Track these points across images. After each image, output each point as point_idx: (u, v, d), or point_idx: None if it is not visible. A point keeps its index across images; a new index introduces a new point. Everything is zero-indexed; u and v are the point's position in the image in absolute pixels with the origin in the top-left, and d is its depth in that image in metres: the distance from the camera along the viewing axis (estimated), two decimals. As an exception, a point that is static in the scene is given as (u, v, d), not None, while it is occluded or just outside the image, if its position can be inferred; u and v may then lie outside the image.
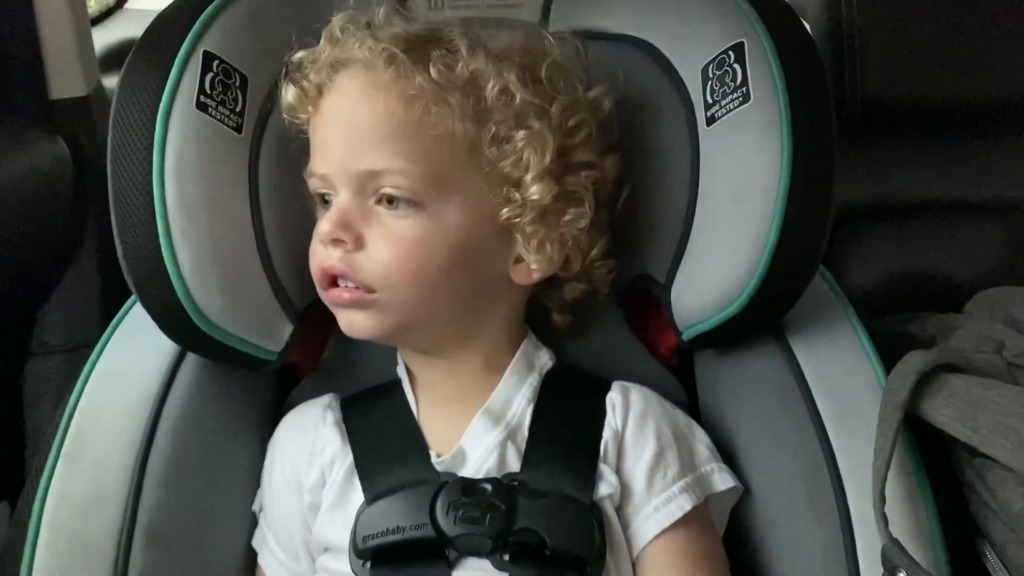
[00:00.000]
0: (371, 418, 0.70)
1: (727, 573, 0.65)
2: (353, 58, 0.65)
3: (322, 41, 0.68)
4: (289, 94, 0.68)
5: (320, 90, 0.66)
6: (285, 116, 0.69)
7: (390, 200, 0.63)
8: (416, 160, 0.63)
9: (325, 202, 0.66)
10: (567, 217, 0.67)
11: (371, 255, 0.63)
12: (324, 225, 0.63)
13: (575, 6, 0.77)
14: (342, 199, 0.64)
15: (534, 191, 0.65)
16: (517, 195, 0.65)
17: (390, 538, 0.62)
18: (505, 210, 0.65)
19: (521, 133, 0.65)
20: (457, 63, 0.64)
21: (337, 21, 0.68)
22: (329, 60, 0.66)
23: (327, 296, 0.66)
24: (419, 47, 0.65)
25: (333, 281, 0.65)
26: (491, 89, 0.64)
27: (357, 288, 0.64)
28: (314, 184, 0.67)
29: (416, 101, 0.63)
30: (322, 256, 0.65)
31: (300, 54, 0.68)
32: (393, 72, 0.63)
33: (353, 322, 0.66)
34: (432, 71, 0.63)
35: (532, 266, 0.67)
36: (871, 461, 0.60)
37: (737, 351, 0.72)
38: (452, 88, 0.64)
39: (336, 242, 0.63)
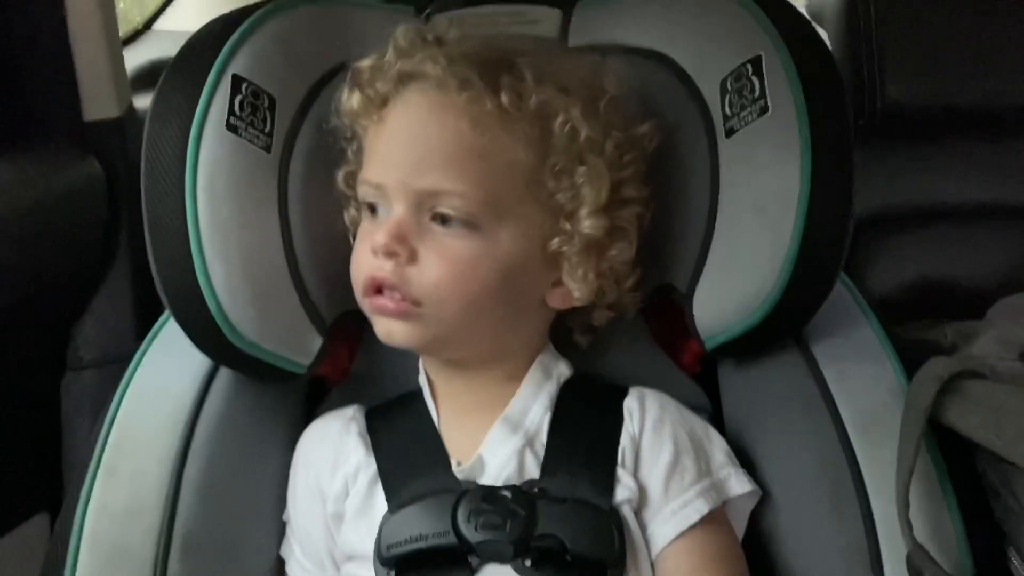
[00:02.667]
0: (394, 428, 0.71)
1: (746, 575, 0.65)
2: (425, 74, 0.65)
3: (389, 52, 0.68)
4: (354, 99, 0.68)
5: (385, 100, 0.66)
6: (344, 120, 0.70)
7: (444, 219, 0.64)
8: (477, 184, 0.63)
9: (372, 210, 0.67)
10: (612, 251, 0.68)
11: (423, 271, 0.64)
12: (380, 236, 0.63)
13: (593, 21, 0.78)
14: (398, 212, 0.64)
15: (587, 225, 0.66)
16: (568, 226, 0.66)
17: (413, 546, 0.63)
18: (556, 240, 0.66)
19: (581, 168, 0.66)
20: (527, 92, 0.65)
21: (403, 32, 0.68)
22: (398, 72, 0.66)
23: (370, 303, 0.66)
24: (490, 71, 0.65)
25: (378, 290, 0.65)
26: (559, 123, 0.65)
27: (403, 300, 0.64)
28: (365, 192, 0.67)
29: (485, 127, 0.64)
30: (371, 265, 0.65)
31: (365, 62, 0.68)
32: (466, 95, 0.64)
33: (392, 331, 0.66)
34: (503, 98, 0.64)
35: (575, 294, 0.68)
36: (894, 467, 0.60)
37: (760, 359, 0.73)
38: (520, 117, 0.64)
39: (390, 254, 0.64)
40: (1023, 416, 0.58)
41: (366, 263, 0.65)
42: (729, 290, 0.69)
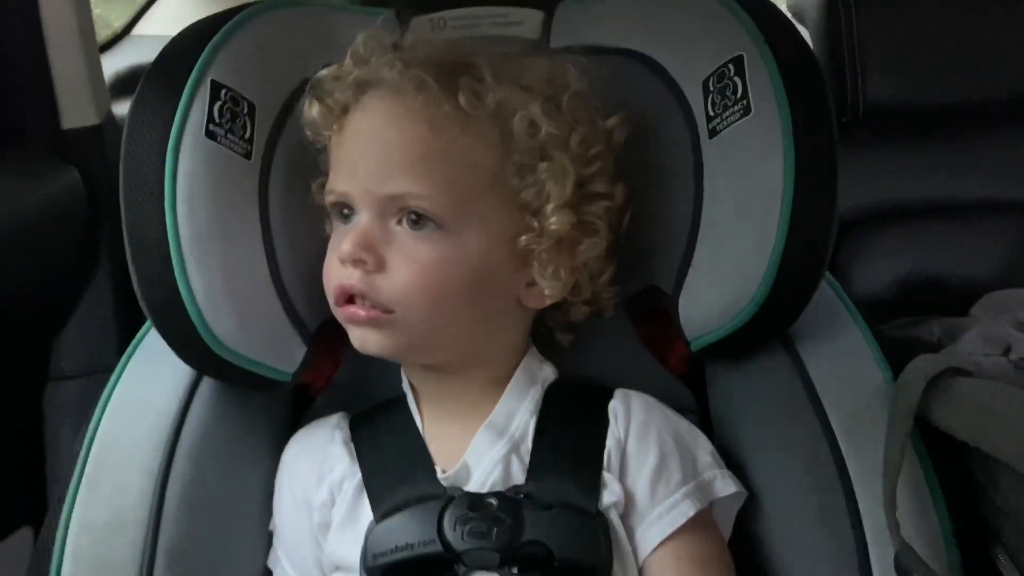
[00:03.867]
0: (378, 436, 0.70)
1: None
2: (381, 80, 0.65)
3: (347, 59, 0.68)
4: (314, 110, 0.68)
5: (345, 109, 0.66)
6: (308, 132, 0.70)
7: (414, 220, 0.64)
8: (441, 186, 0.63)
9: (344, 215, 0.67)
10: (582, 246, 0.68)
11: (391, 277, 0.64)
12: (346, 245, 0.63)
13: (576, 23, 0.78)
14: (364, 220, 0.64)
15: (554, 221, 0.66)
16: (536, 223, 0.66)
17: (399, 555, 0.62)
18: (524, 237, 0.66)
19: (544, 164, 0.66)
20: (485, 92, 0.65)
21: (362, 40, 0.68)
22: (356, 80, 0.66)
23: (342, 313, 0.66)
24: (447, 73, 0.65)
25: (350, 299, 0.65)
26: (518, 120, 0.65)
27: (374, 307, 0.64)
28: (332, 200, 0.67)
29: (444, 128, 0.64)
30: (340, 274, 0.65)
31: (324, 71, 0.68)
32: (423, 98, 0.64)
33: (366, 339, 0.66)
34: (461, 99, 0.64)
35: (546, 291, 0.68)
36: (881, 467, 0.60)
37: (746, 360, 0.73)
38: (479, 117, 0.64)
39: (357, 262, 0.63)
40: (1009, 414, 0.58)
41: (335, 272, 0.65)
42: (714, 291, 0.69)
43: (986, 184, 1.07)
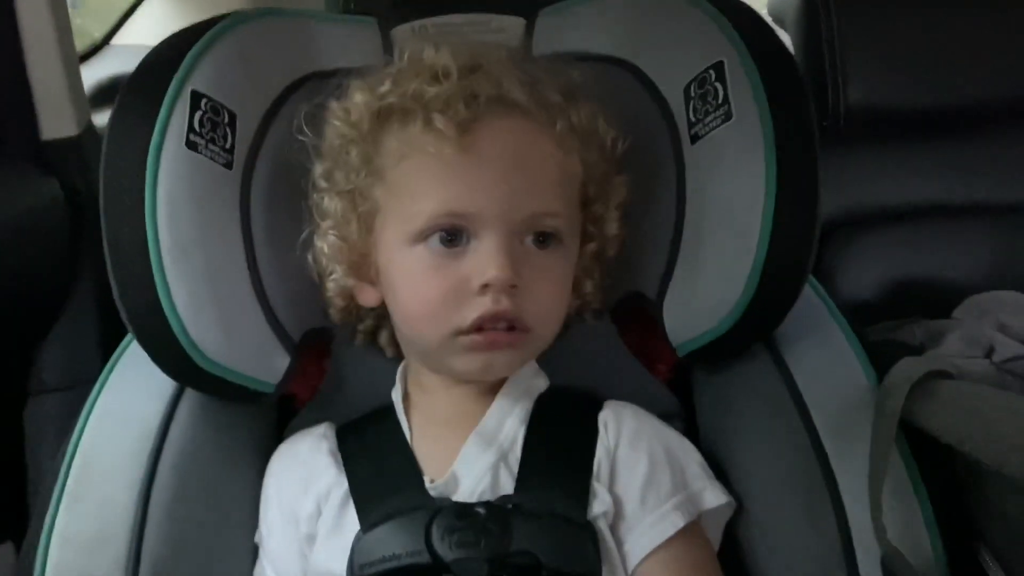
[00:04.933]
0: (365, 446, 0.70)
1: None
2: (506, 95, 0.65)
3: (449, 71, 0.65)
4: (416, 128, 0.64)
5: (464, 128, 0.63)
6: (375, 146, 0.67)
7: (541, 239, 0.64)
8: (565, 204, 0.66)
9: (448, 239, 0.63)
10: (611, 253, 0.73)
11: (535, 296, 0.64)
12: (498, 272, 0.61)
13: (557, 29, 0.78)
14: (500, 242, 0.62)
15: (613, 227, 0.71)
16: (594, 229, 0.71)
17: (387, 565, 0.62)
18: (591, 245, 0.71)
19: (620, 178, 0.71)
20: (578, 109, 0.68)
21: (445, 53, 0.66)
22: (473, 95, 0.64)
23: (476, 340, 0.63)
24: (548, 89, 0.67)
25: (478, 327, 0.63)
26: (607, 137, 0.69)
27: (513, 329, 0.64)
28: (443, 222, 0.63)
29: (564, 145, 0.66)
30: (481, 302, 0.62)
31: (419, 85, 0.65)
32: (545, 116, 0.66)
33: (493, 364, 0.65)
34: (573, 117, 0.67)
35: (587, 290, 0.73)
36: (867, 471, 0.60)
37: (730, 364, 0.73)
38: (581, 131, 0.67)
39: (511, 287, 0.62)
40: (992, 416, 0.58)
41: (472, 302, 0.63)
42: (698, 297, 0.69)
43: (968, 187, 1.07)
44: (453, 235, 0.63)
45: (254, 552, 0.71)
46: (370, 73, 0.69)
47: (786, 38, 1.08)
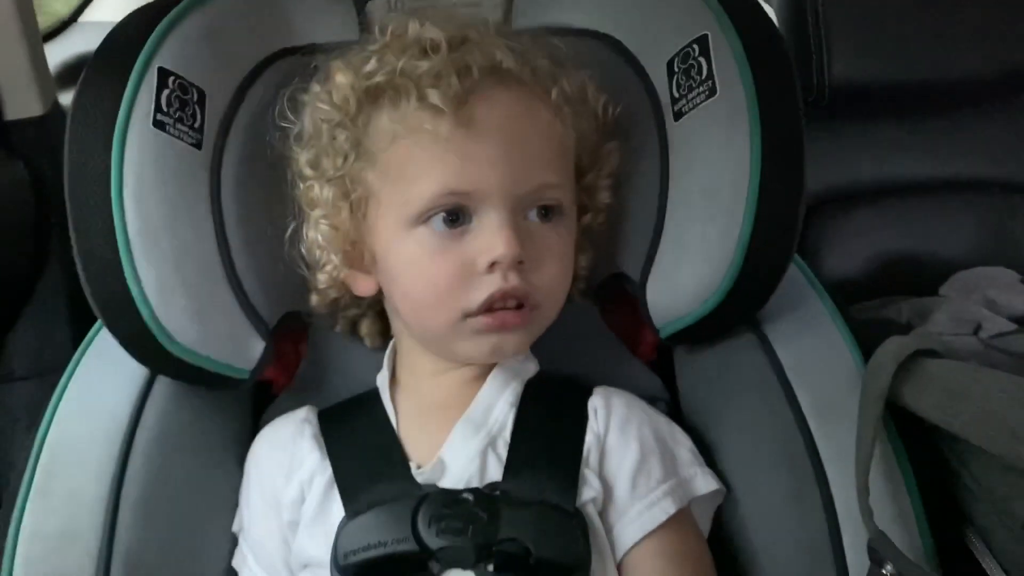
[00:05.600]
0: (350, 431, 0.69)
1: (712, 573, 0.65)
2: (500, 66, 0.63)
3: (438, 44, 0.63)
4: (410, 106, 0.62)
5: (463, 102, 0.61)
6: (370, 127, 0.64)
7: (545, 212, 0.63)
8: (565, 175, 0.65)
9: (450, 219, 0.62)
10: (600, 218, 0.72)
11: (542, 271, 0.63)
12: (506, 249, 0.60)
13: (537, 3, 0.77)
14: (504, 218, 0.61)
15: (604, 196, 0.70)
16: (588, 200, 0.70)
17: (372, 553, 0.61)
18: (587, 216, 0.70)
19: (612, 144, 0.70)
20: (568, 77, 0.66)
21: (433, 26, 0.64)
22: (461, 64, 0.62)
23: (487, 322, 0.62)
24: (538, 59, 0.65)
25: (488, 308, 0.62)
26: (600, 104, 0.68)
27: (522, 307, 0.62)
28: (444, 202, 0.61)
29: (560, 114, 0.65)
30: (490, 281, 0.61)
31: (400, 63, 0.62)
32: (540, 83, 0.64)
33: (503, 345, 0.64)
34: (565, 85, 0.65)
35: (582, 263, 0.71)
36: (853, 452, 0.60)
37: (715, 345, 0.72)
38: (573, 101, 0.66)
39: (520, 263, 0.61)
40: (979, 395, 0.58)
41: (475, 281, 0.61)
42: (682, 277, 0.68)
43: (954, 163, 1.07)
44: (455, 215, 0.62)
45: (233, 542, 0.70)
46: (349, 52, 0.67)
47: (771, 12, 1.07)
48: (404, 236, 0.63)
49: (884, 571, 0.55)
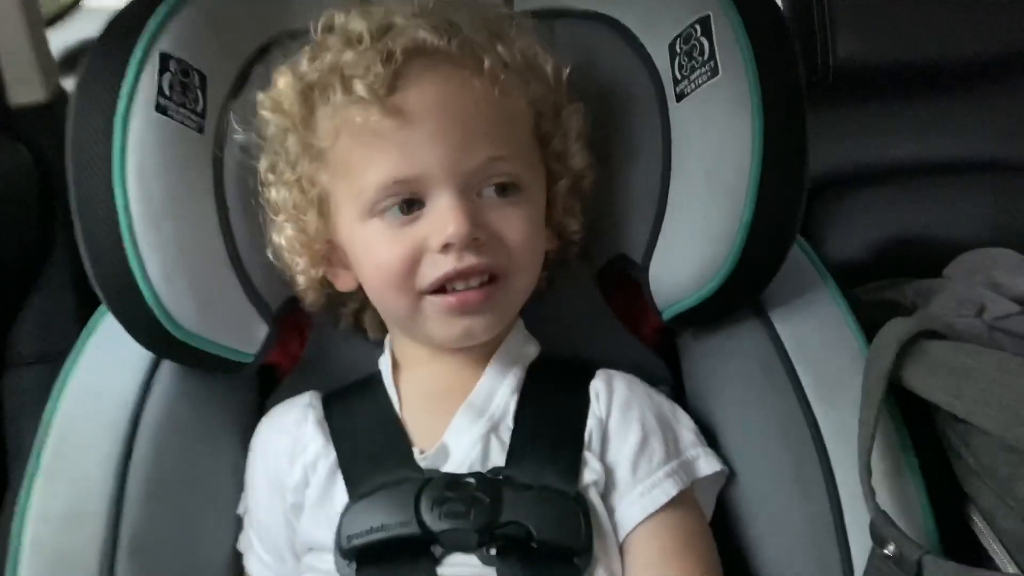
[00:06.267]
0: (353, 415, 0.69)
1: (714, 555, 0.65)
2: (424, 47, 0.62)
3: (361, 34, 0.63)
4: (336, 101, 0.62)
5: (391, 88, 0.61)
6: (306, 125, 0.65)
7: (502, 188, 0.63)
8: (515, 147, 0.64)
9: (405, 206, 0.62)
10: (586, 180, 0.71)
11: (504, 242, 0.62)
12: (456, 228, 0.59)
13: None
14: (453, 198, 0.60)
15: (579, 160, 0.69)
16: (560, 166, 0.69)
17: (375, 536, 0.61)
18: (562, 182, 0.69)
19: (571, 107, 0.68)
20: (508, 44, 0.65)
21: (357, 16, 0.64)
22: (389, 51, 0.61)
23: (444, 304, 0.62)
24: (474, 30, 0.64)
25: (442, 288, 0.62)
26: (550, 67, 0.67)
27: (482, 285, 0.62)
28: (392, 190, 0.61)
29: (497, 83, 0.63)
30: (444, 262, 0.61)
31: (334, 55, 0.62)
32: (473, 60, 0.62)
33: (472, 328, 0.64)
34: (504, 53, 0.64)
35: (571, 227, 0.71)
36: (856, 433, 0.60)
37: (718, 328, 0.72)
38: (517, 68, 0.65)
39: (474, 241, 0.61)
40: (982, 376, 0.58)
41: (428, 262, 0.62)
42: (684, 259, 0.68)
43: (959, 144, 1.06)
44: (409, 203, 0.62)
45: (236, 524, 0.70)
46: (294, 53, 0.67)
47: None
48: (361, 228, 0.64)
49: (886, 551, 0.55)
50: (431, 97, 0.61)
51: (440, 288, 0.62)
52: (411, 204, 0.62)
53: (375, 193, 0.62)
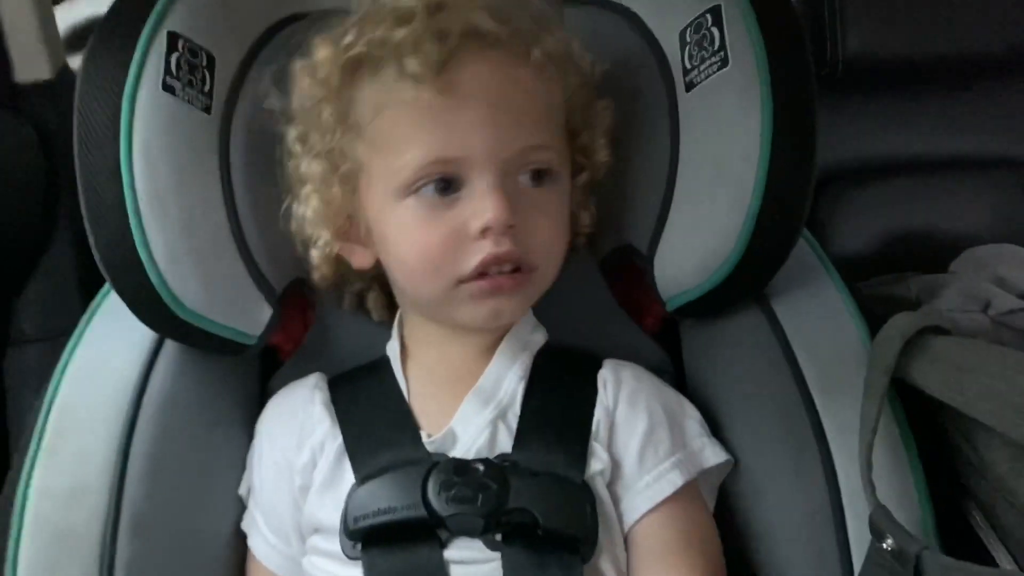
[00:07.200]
0: (360, 398, 0.69)
1: (718, 546, 0.65)
2: (479, 29, 0.62)
3: (414, 11, 0.62)
4: (387, 76, 0.61)
5: (441, 68, 0.60)
6: (352, 100, 0.64)
7: (536, 175, 0.63)
8: (552, 136, 0.64)
9: (441, 188, 0.61)
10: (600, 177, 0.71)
11: (535, 233, 0.62)
12: (496, 214, 0.59)
13: None
14: (493, 182, 0.60)
15: (603, 155, 0.69)
16: (582, 160, 0.69)
17: (382, 518, 0.61)
18: (584, 175, 0.69)
19: (601, 102, 0.69)
20: (551, 35, 0.65)
21: None
22: (445, 33, 0.61)
23: (478, 288, 0.62)
24: (519, 19, 0.64)
25: (481, 273, 0.62)
26: (584, 62, 0.67)
27: (518, 270, 0.62)
28: (432, 169, 0.61)
29: (543, 74, 0.64)
30: (481, 247, 0.61)
31: (385, 30, 0.61)
32: (521, 44, 0.63)
33: (501, 310, 0.64)
34: (548, 44, 0.64)
35: (585, 222, 0.71)
36: (857, 427, 0.60)
37: (721, 319, 0.72)
38: (558, 60, 0.65)
39: (510, 228, 0.61)
40: (985, 372, 0.57)
41: (467, 247, 0.61)
42: (690, 249, 0.68)
43: (966, 139, 1.06)
44: (445, 183, 0.61)
45: (238, 504, 0.71)
46: (333, 25, 0.66)
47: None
48: (395, 206, 0.63)
49: (885, 545, 0.55)
50: (482, 81, 0.61)
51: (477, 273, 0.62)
52: (447, 186, 0.61)
53: (415, 172, 0.61)
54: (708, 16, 0.66)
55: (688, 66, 0.68)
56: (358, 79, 0.64)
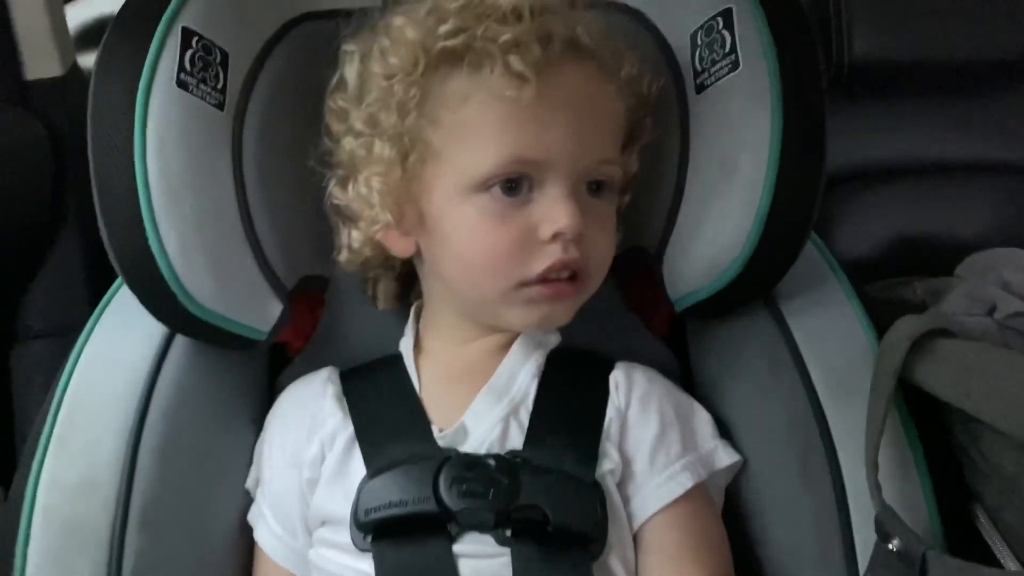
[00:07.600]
0: (372, 392, 0.69)
1: (726, 548, 0.65)
2: (579, 41, 0.63)
3: (520, 11, 0.62)
4: (492, 71, 0.61)
5: (538, 72, 0.60)
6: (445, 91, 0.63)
7: (595, 188, 0.64)
8: (617, 149, 0.66)
9: (510, 187, 0.62)
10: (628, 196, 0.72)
11: (596, 244, 0.64)
12: (570, 220, 0.60)
13: None
14: (568, 189, 0.61)
15: (633, 167, 0.70)
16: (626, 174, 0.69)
17: (393, 511, 0.62)
18: (627, 196, 0.70)
19: (647, 120, 0.70)
20: (629, 56, 0.67)
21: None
22: (546, 38, 0.61)
23: (543, 291, 0.63)
24: (607, 35, 0.66)
25: (543, 278, 0.62)
26: (644, 83, 0.68)
27: (575, 278, 0.63)
28: (509, 168, 0.61)
29: (621, 93, 0.66)
30: (552, 252, 0.61)
31: (489, 27, 0.61)
32: (612, 61, 0.65)
33: (553, 315, 0.65)
34: (629, 66, 0.66)
35: (618, 241, 0.71)
36: (864, 428, 0.60)
37: (729, 320, 0.72)
38: (630, 80, 0.67)
39: (580, 236, 0.62)
40: (992, 374, 0.58)
41: (534, 251, 0.62)
42: (699, 251, 0.68)
43: (973, 143, 1.07)
44: (515, 183, 0.62)
45: (245, 497, 0.71)
46: (411, 10, 0.65)
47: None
48: (462, 200, 0.63)
49: (890, 546, 0.55)
50: (573, 89, 0.63)
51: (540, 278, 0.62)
52: (516, 186, 0.62)
53: (494, 167, 0.61)
54: (719, 19, 0.66)
55: (699, 68, 0.68)
56: (452, 69, 0.63)
